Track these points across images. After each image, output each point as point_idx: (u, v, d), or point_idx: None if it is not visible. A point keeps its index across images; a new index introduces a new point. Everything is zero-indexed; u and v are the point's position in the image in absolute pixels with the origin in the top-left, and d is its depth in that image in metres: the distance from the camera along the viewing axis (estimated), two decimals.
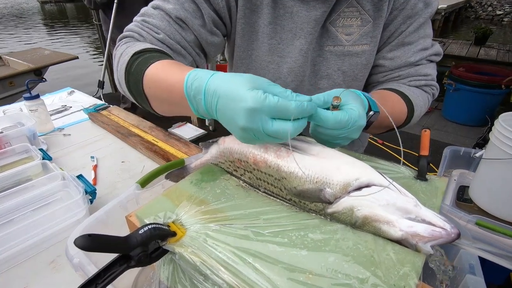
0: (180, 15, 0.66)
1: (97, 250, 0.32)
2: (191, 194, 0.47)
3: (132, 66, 0.58)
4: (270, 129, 0.40)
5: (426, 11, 0.68)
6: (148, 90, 0.55)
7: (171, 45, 0.66)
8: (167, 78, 0.51)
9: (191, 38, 0.69)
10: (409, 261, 0.34)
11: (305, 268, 0.34)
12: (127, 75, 0.59)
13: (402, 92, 0.71)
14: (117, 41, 0.69)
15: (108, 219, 0.55)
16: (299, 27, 0.69)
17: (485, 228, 0.69)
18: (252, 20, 0.72)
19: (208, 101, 0.43)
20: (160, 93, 0.53)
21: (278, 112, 0.39)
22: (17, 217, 0.80)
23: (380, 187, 0.38)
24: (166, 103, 0.54)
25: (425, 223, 0.36)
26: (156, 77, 0.53)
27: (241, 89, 0.40)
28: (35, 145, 1.06)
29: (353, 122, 0.45)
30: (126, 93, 0.63)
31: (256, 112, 0.39)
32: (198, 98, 0.45)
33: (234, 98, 0.40)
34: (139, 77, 0.55)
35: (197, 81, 0.45)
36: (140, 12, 0.70)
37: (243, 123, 0.39)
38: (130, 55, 0.59)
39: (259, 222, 0.41)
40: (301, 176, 0.43)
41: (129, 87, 0.60)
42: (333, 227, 0.40)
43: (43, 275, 0.68)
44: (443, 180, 0.48)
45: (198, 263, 0.36)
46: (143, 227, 0.37)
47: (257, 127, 0.39)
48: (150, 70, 0.54)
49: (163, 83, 0.51)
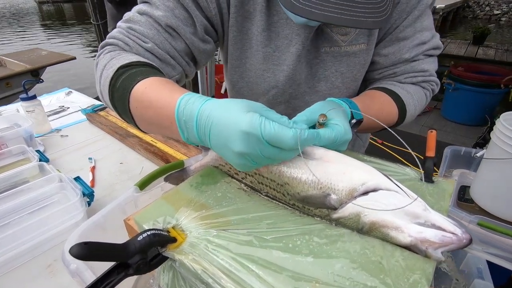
0: (171, 23, 0.61)
1: (93, 259, 0.30)
2: (191, 197, 0.46)
3: (117, 81, 0.53)
4: (269, 152, 0.38)
5: (421, 3, 0.66)
6: (135, 110, 0.51)
7: (159, 55, 0.62)
8: (156, 99, 0.47)
9: (182, 47, 0.64)
10: (419, 267, 0.33)
11: (311, 276, 0.32)
12: (112, 90, 0.54)
13: (394, 91, 0.70)
14: (99, 49, 0.64)
15: (106, 222, 0.54)
16: (296, 32, 0.67)
17: (487, 229, 0.68)
18: (245, 27, 0.69)
19: (202, 128, 0.41)
20: (148, 115, 0.49)
21: (274, 139, 0.37)
22: (13, 220, 0.79)
23: (387, 191, 0.37)
24: (155, 126, 0.50)
25: (435, 228, 0.34)
26: (144, 97, 0.49)
27: (236, 113, 0.38)
28: (32, 146, 1.05)
29: (340, 137, 0.46)
30: (109, 106, 0.59)
31: (252, 135, 0.37)
32: (189, 125, 0.42)
33: (229, 122, 0.38)
34: (125, 94, 0.51)
35: (189, 106, 0.42)
36: (125, 18, 0.64)
37: (239, 148, 0.37)
38: (114, 69, 0.54)
39: (262, 227, 0.40)
40: (305, 182, 0.42)
41: (113, 102, 0.55)
42: (339, 231, 0.39)
43: (40, 279, 0.67)
44: (450, 182, 0.47)
45: (200, 271, 0.34)
46: (142, 234, 0.36)
47: (254, 151, 0.37)
48: (138, 89, 0.50)
49: (151, 105, 0.47)
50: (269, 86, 0.74)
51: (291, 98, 0.77)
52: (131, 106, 0.51)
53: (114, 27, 0.65)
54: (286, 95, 0.76)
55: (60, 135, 1.26)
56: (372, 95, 0.70)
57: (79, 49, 8.24)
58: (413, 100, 0.71)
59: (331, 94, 0.76)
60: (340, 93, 0.76)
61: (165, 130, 0.48)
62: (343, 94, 0.76)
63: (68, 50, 7.72)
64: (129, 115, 0.52)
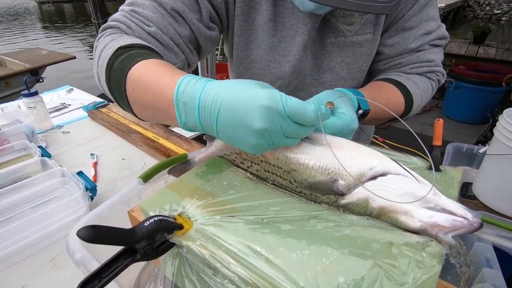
0: (177, 7, 0.59)
1: (101, 242, 0.30)
2: (197, 186, 0.46)
3: (115, 62, 0.51)
4: (290, 129, 0.37)
5: None
6: (131, 92, 0.48)
7: (163, 40, 0.59)
8: (155, 80, 0.45)
9: (186, 33, 0.62)
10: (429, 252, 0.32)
11: (322, 258, 0.32)
12: (109, 71, 0.52)
13: (400, 82, 0.69)
14: (100, 32, 0.61)
15: (110, 214, 0.53)
16: (302, 22, 0.66)
17: (490, 225, 0.68)
18: (250, 17, 0.68)
19: (206, 109, 0.38)
20: (144, 97, 0.47)
21: (296, 113, 0.36)
22: (16, 215, 0.78)
23: (396, 175, 0.37)
24: (150, 109, 0.48)
25: (445, 213, 0.34)
26: (141, 78, 0.47)
27: (252, 88, 0.36)
28: (33, 142, 1.04)
29: (346, 126, 0.46)
30: (105, 90, 0.56)
31: (274, 109, 0.35)
32: (190, 107, 0.40)
33: (246, 97, 0.36)
34: (122, 75, 0.49)
35: (190, 87, 0.40)
36: (128, 1, 0.62)
37: (259, 125, 0.35)
38: (114, 49, 0.51)
39: (269, 214, 0.39)
40: (312, 168, 0.41)
41: (109, 85, 0.53)
42: (348, 216, 0.38)
43: (42, 273, 0.66)
44: (457, 170, 0.47)
45: (207, 256, 0.34)
46: (149, 219, 0.35)
47: (274, 127, 0.36)
48: (136, 69, 0.47)
49: (149, 86, 0.45)
50: (275, 77, 0.74)
51: (296, 89, 0.77)
52: (127, 87, 0.48)
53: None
54: (291, 86, 0.76)
55: (62, 132, 1.26)
56: (378, 86, 0.70)
57: (79, 49, 8.24)
58: (419, 90, 0.71)
59: (336, 85, 0.75)
60: (346, 84, 0.75)
61: (161, 114, 0.46)
62: (349, 85, 0.76)
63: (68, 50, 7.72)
64: (125, 98, 0.50)
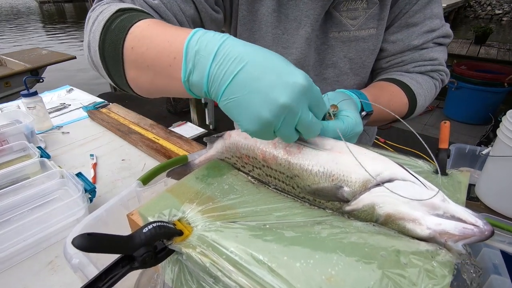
0: None
1: (97, 250, 0.29)
2: (198, 190, 0.44)
3: (113, 22, 0.45)
4: (307, 119, 0.36)
5: None
6: (129, 52, 0.43)
7: (166, 15, 0.55)
8: (160, 34, 0.40)
9: (191, 12, 0.58)
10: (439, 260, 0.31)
11: (327, 267, 0.31)
12: (104, 33, 0.45)
13: (403, 82, 0.68)
14: (95, 2, 0.55)
15: (109, 217, 0.52)
16: (305, 14, 0.65)
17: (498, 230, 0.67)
18: (254, 8, 0.67)
19: (224, 62, 0.34)
20: (146, 54, 0.41)
21: (318, 101, 0.37)
22: (14, 216, 0.77)
23: (403, 182, 0.35)
24: (149, 71, 0.42)
25: (454, 220, 0.33)
26: (144, 33, 0.42)
27: (285, 63, 0.34)
28: (33, 143, 1.04)
29: (350, 130, 0.45)
30: (93, 61, 0.49)
31: (306, 91, 0.34)
32: (202, 55, 0.35)
33: (278, 70, 0.33)
34: (120, 34, 0.43)
35: (209, 36, 0.36)
36: None
37: (285, 99, 0.33)
38: (113, 11, 0.46)
39: (271, 219, 0.38)
40: (316, 174, 0.40)
41: (102, 49, 0.46)
42: (353, 223, 0.37)
43: (41, 276, 0.66)
44: (464, 174, 0.45)
45: (208, 264, 0.33)
46: (147, 226, 0.34)
47: (296, 108, 0.34)
48: (138, 26, 0.43)
49: (153, 40, 0.40)
50: None
51: None
52: (126, 47, 0.43)
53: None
54: None
55: (61, 132, 1.25)
56: (381, 86, 0.68)
57: (79, 49, 8.23)
58: (423, 90, 0.69)
59: (339, 81, 0.74)
60: (349, 80, 0.74)
61: (160, 75, 0.41)
62: (351, 81, 0.75)
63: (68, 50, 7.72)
64: (120, 63, 0.45)
